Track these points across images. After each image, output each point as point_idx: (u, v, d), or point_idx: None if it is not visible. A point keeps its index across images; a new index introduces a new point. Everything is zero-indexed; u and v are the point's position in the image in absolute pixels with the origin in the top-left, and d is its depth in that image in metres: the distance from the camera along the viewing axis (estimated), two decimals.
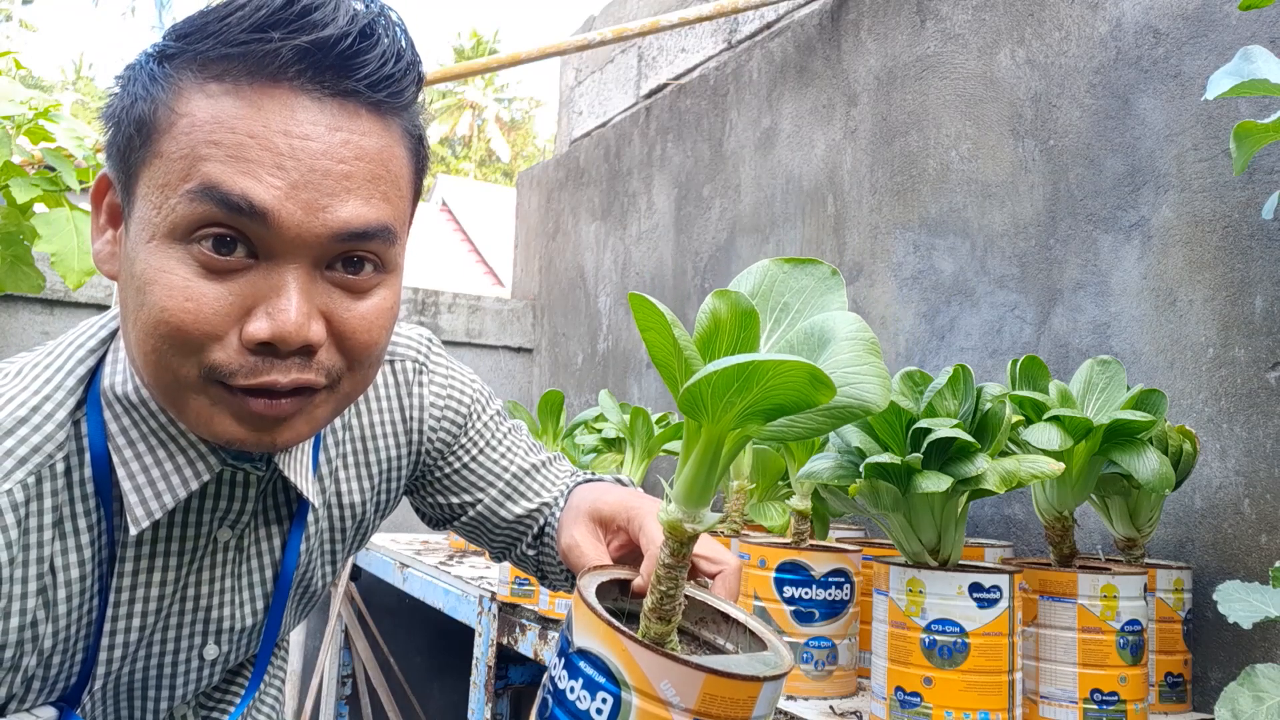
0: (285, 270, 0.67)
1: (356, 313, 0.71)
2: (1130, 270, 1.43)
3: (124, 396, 0.76)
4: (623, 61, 3.24)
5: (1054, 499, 1.16)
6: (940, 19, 1.80)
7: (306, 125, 0.67)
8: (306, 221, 0.66)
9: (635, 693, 0.57)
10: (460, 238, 16.75)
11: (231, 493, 0.82)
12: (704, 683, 0.56)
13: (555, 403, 2.00)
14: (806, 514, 1.27)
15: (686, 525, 0.62)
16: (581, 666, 0.60)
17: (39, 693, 0.77)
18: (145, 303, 0.67)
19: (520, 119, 30.86)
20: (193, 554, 0.81)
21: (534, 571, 1.07)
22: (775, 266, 0.66)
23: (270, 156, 0.66)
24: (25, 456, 0.72)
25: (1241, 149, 0.94)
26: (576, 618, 0.62)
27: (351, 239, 0.69)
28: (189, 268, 0.66)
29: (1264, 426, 1.24)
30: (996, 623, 1.02)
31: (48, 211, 1.99)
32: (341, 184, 0.68)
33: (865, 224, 1.94)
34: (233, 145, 0.65)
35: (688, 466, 0.61)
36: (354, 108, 0.69)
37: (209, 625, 0.84)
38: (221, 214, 0.65)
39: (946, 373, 1.07)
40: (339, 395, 0.74)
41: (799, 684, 1.21)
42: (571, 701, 0.60)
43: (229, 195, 0.64)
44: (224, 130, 0.66)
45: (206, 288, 0.66)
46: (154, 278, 0.66)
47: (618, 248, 2.91)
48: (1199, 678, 1.26)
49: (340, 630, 2.95)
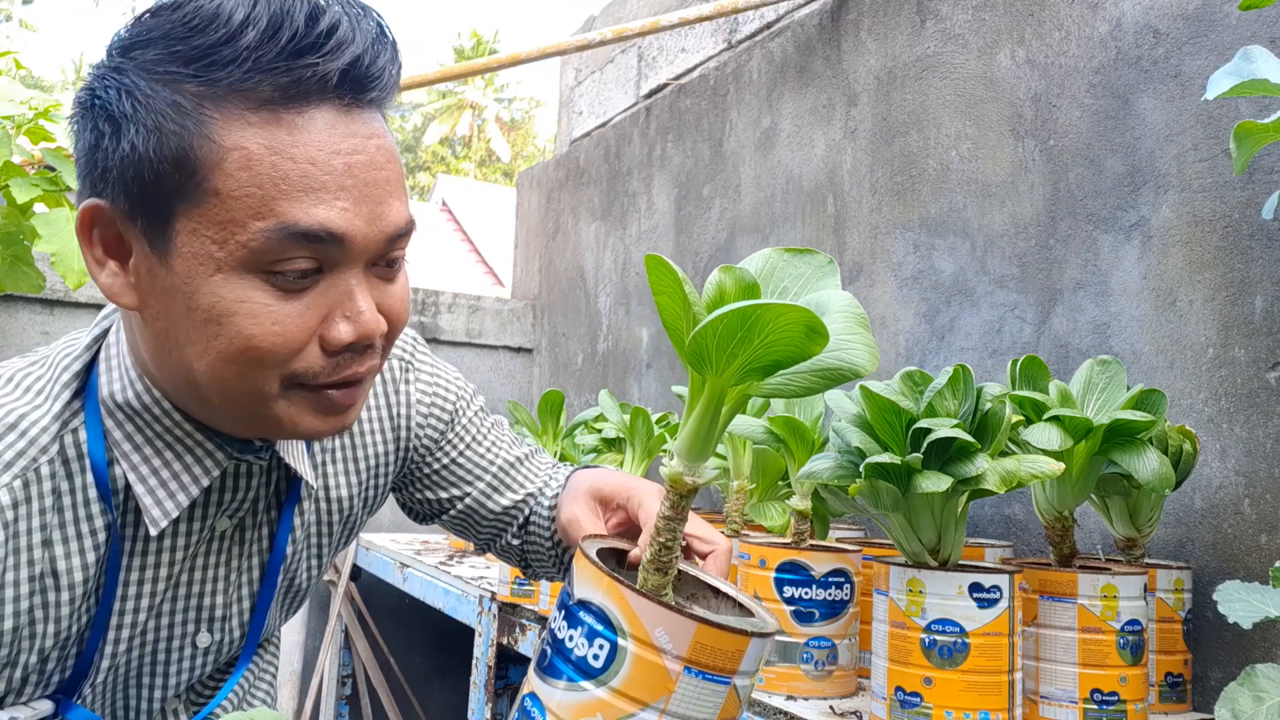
0: (349, 276, 0.72)
1: (395, 297, 0.76)
2: (1130, 270, 1.43)
3: (125, 404, 0.78)
4: (623, 61, 3.24)
5: (1054, 499, 1.16)
6: (940, 19, 1.80)
7: (350, 139, 0.70)
8: (369, 232, 0.71)
9: (631, 639, 0.60)
10: (460, 238, 16.75)
11: (236, 484, 0.84)
12: (696, 631, 0.60)
13: (555, 403, 2.00)
14: (806, 514, 1.27)
15: (687, 478, 0.66)
16: (581, 616, 0.63)
17: (37, 686, 0.79)
18: (224, 333, 0.69)
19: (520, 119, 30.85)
20: (195, 546, 0.84)
21: (518, 561, 1.09)
22: (776, 255, 0.70)
23: (333, 180, 0.69)
24: (11, 461, 0.73)
25: (1241, 149, 0.94)
26: (578, 571, 0.65)
27: (398, 238, 0.74)
28: (267, 294, 0.69)
29: (1264, 426, 1.24)
30: (996, 623, 1.02)
31: (48, 211, 1.99)
32: (385, 189, 0.72)
33: (865, 224, 1.94)
34: (297, 177, 0.68)
35: (690, 421, 0.65)
36: (372, 113, 0.73)
37: (201, 614, 0.87)
38: (302, 248, 0.68)
39: (946, 373, 1.07)
40: (378, 366, 0.79)
41: (799, 684, 1.21)
42: (570, 649, 0.63)
43: (310, 230, 0.68)
44: (286, 161, 0.68)
45: (288, 309, 0.69)
46: (233, 309, 0.68)
47: (618, 248, 2.91)
48: (1199, 678, 1.26)
49: (340, 630, 2.95)
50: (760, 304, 0.57)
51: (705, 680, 0.61)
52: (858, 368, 0.62)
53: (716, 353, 0.61)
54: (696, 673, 0.60)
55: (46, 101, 2.03)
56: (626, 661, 0.60)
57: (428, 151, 29.48)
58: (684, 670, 0.60)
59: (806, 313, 0.56)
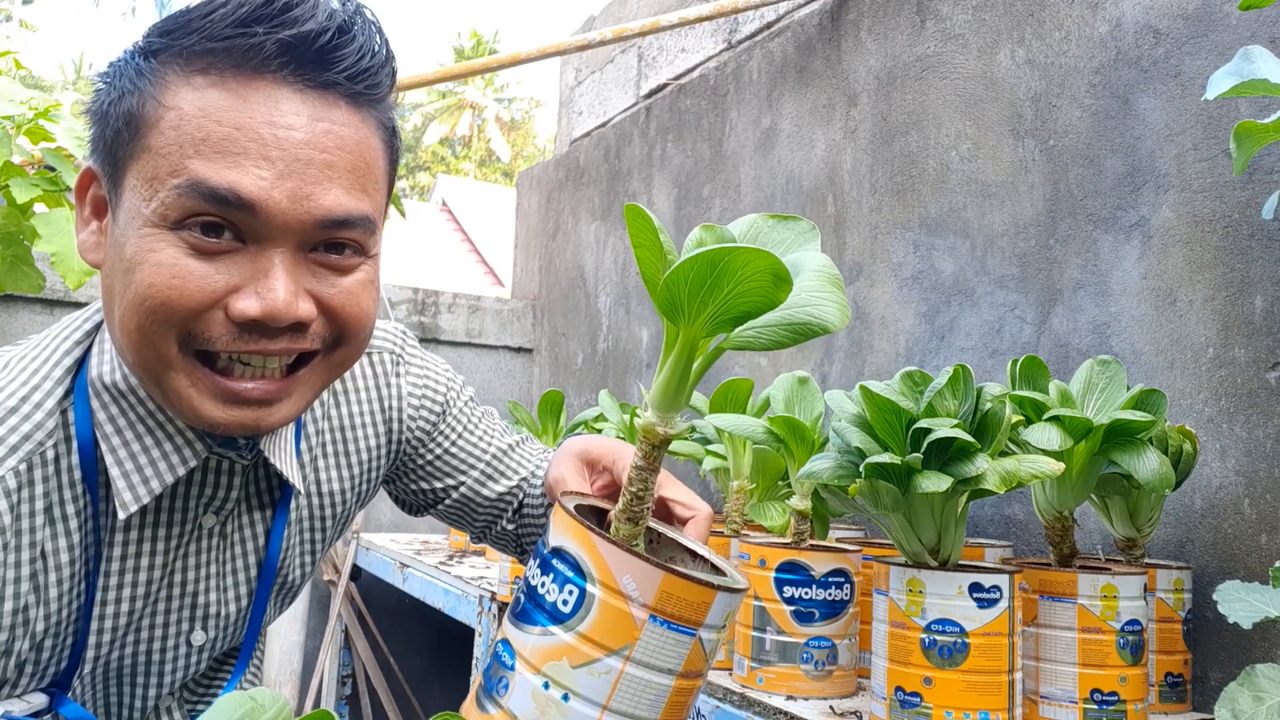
0: (272, 253, 0.70)
1: (342, 288, 0.75)
2: (1130, 270, 1.43)
3: (112, 385, 0.78)
4: (623, 61, 3.24)
5: (1054, 499, 1.16)
6: (940, 19, 1.80)
7: (290, 116, 0.70)
8: (292, 209, 0.70)
9: (600, 586, 0.62)
10: (460, 238, 16.75)
11: (217, 480, 0.83)
12: (662, 580, 0.61)
13: (555, 403, 2.00)
14: (806, 514, 1.27)
15: (659, 428, 0.67)
16: (554, 564, 0.65)
17: (31, 678, 0.79)
18: (132, 282, 0.70)
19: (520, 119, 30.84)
20: (179, 539, 0.83)
21: (513, 548, 1.09)
22: (761, 220, 0.72)
23: (256, 147, 0.69)
24: (16, 445, 0.74)
25: (1241, 149, 0.94)
26: (553, 522, 0.67)
27: (334, 226, 0.72)
28: (178, 249, 0.69)
29: (1264, 426, 1.24)
30: (996, 623, 1.02)
31: (48, 211, 1.99)
32: (324, 173, 0.71)
33: (865, 224, 1.94)
34: (219, 139, 0.68)
35: (663, 372, 0.66)
36: (333, 99, 0.72)
37: (195, 611, 0.86)
38: (210, 207, 0.68)
39: (946, 373, 1.07)
40: (330, 364, 0.78)
41: (799, 684, 1.21)
42: (542, 595, 0.65)
43: (216, 189, 0.68)
44: (210, 123, 0.68)
45: (194, 265, 0.69)
46: (142, 258, 0.69)
47: (618, 248, 2.91)
48: (1199, 678, 1.26)
49: (340, 630, 2.95)
50: (728, 248, 0.58)
51: (670, 630, 0.62)
52: (826, 323, 0.63)
53: (688, 300, 0.62)
54: (662, 622, 0.61)
55: (46, 101, 2.02)
56: (594, 607, 0.61)
57: (428, 151, 29.48)
58: (649, 618, 0.61)
59: (773, 259, 0.58)
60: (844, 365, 1.96)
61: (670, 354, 0.66)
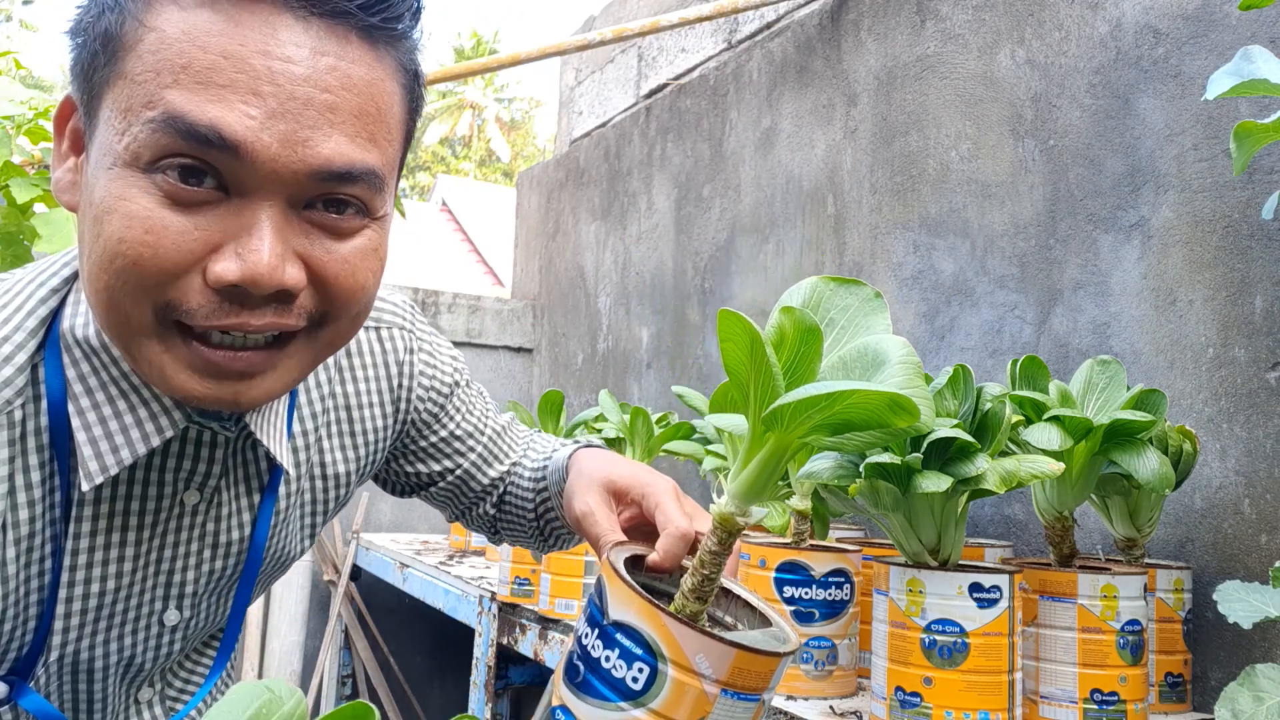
0: (259, 207, 0.61)
1: (338, 255, 0.65)
2: (1130, 270, 1.43)
3: (84, 340, 0.70)
4: (623, 61, 3.24)
5: (1054, 499, 1.16)
6: (940, 19, 1.80)
7: (289, 46, 0.60)
8: (283, 155, 0.60)
9: (671, 664, 0.61)
10: (460, 238, 16.75)
11: (198, 453, 0.75)
12: (735, 658, 0.61)
13: (555, 403, 2.00)
14: (806, 514, 1.27)
15: (739, 519, 0.66)
16: (618, 638, 0.64)
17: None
18: (102, 233, 0.60)
19: (520, 119, 30.85)
20: (155, 515, 0.75)
21: (487, 529, 1.06)
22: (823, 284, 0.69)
23: (246, 80, 0.59)
24: None
25: (1241, 149, 0.94)
26: (613, 593, 0.65)
27: (333, 179, 0.62)
28: (152, 197, 0.59)
29: (1264, 426, 1.24)
30: (996, 623, 1.02)
31: (48, 211, 1.99)
32: (325, 116, 0.61)
33: (865, 224, 1.94)
34: (203, 66, 0.58)
35: (750, 468, 0.64)
36: (343, 31, 0.62)
37: (170, 590, 0.78)
38: (188, 146, 0.58)
39: (946, 373, 1.07)
40: (318, 343, 0.69)
41: (799, 684, 1.21)
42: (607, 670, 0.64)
43: (195, 126, 0.58)
44: (195, 48, 0.59)
45: (170, 219, 0.60)
46: (113, 206, 0.60)
47: (618, 248, 2.91)
48: (1199, 678, 1.26)
49: (340, 630, 2.95)
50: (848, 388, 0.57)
51: (739, 700, 0.63)
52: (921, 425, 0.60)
53: (793, 416, 0.60)
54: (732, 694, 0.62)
55: (46, 101, 2.02)
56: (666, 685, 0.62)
57: (428, 151, 29.48)
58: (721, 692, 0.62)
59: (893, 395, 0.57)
60: None
61: (758, 452, 0.63)
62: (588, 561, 1.68)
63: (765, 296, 2.22)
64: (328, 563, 3.03)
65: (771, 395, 0.60)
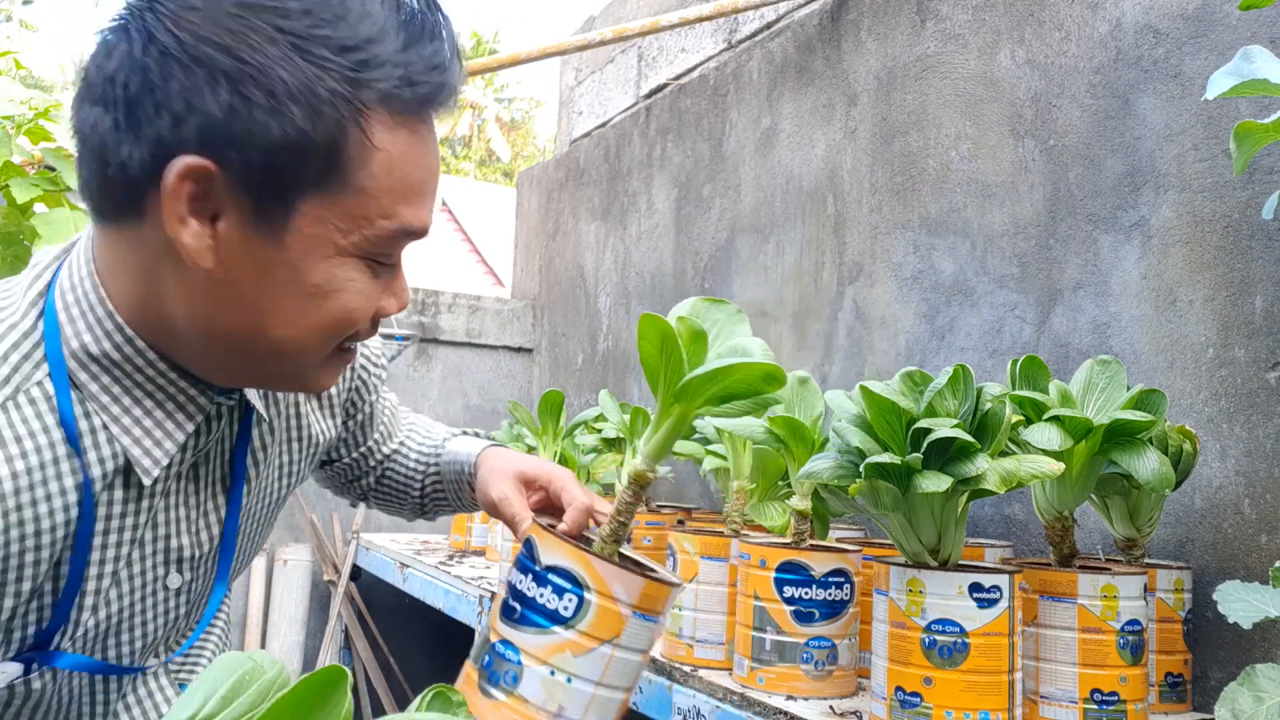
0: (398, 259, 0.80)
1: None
2: (1130, 270, 1.43)
3: (102, 355, 0.77)
4: (623, 61, 3.24)
5: (1054, 499, 1.16)
6: (940, 19, 1.80)
7: (435, 149, 0.78)
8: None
9: (595, 593, 0.79)
10: (460, 238, 16.75)
11: (208, 426, 0.85)
12: (643, 585, 0.80)
13: (555, 403, 2.00)
14: (806, 514, 1.27)
15: (649, 474, 0.86)
16: (550, 578, 0.81)
17: (3, 645, 0.77)
18: (328, 306, 0.75)
19: (520, 119, 30.85)
20: (154, 488, 0.82)
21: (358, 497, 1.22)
22: (700, 303, 0.90)
23: (429, 187, 0.77)
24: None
25: (1241, 149, 0.94)
26: (543, 545, 0.83)
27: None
28: (364, 274, 0.76)
29: (1264, 426, 1.24)
30: (996, 623, 1.02)
31: (48, 211, 1.99)
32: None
33: (865, 224, 1.94)
34: (418, 184, 0.75)
35: (660, 433, 0.84)
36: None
37: (170, 555, 0.86)
38: (407, 242, 0.77)
39: (946, 373, 1.07)
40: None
41: (799, 684, 1.21)
42: (541, 604, 0.80)
43: (419, 231, 0.77)
44: (411, 168, 0.74)
45: (375, 287, 0.78)
46: (342, 286, 0.75)
47: (618, 248, 2.91)
48: (1199, 678, 1.26)
49: (340, 630, 2.95)
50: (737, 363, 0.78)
51: (644, 620, 0.81)
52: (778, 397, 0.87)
53: (696, 389, 0.81)
54: (640, 615, 0.80)
55: (46, 101, 2.02)
56: (591, 610, 0.79)
57: None
58: (632, 614, 0.80)
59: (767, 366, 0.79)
60: (844, 365, 1.96)
61: (665, 422, 0.84)
62: None
63: (765, 296, 2.22)
64: (328, 563, 3.03)
65: (680, 374, 0.81)
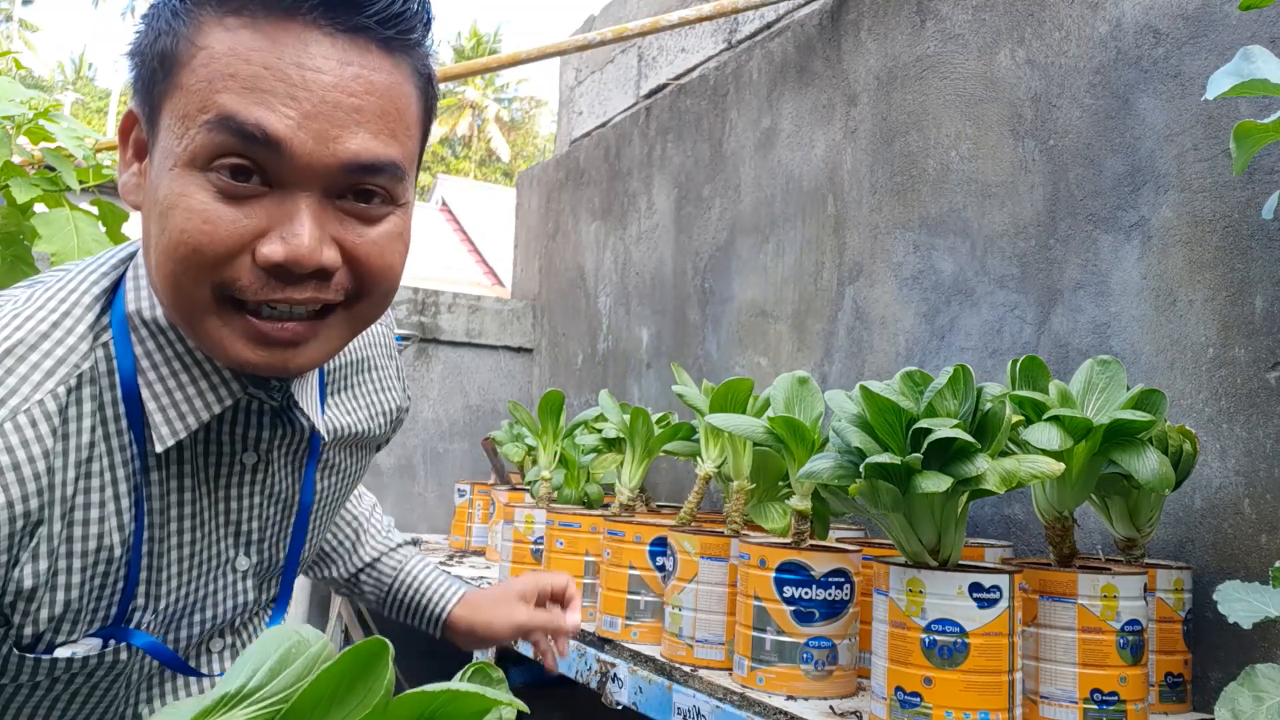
0: (298, 198, 0.71)
1: (369, 238, 0.75)
2: (1130, 270, 1.43)
3: (151, 321, 0.79)
4: (623, 61, 3.24)
5: (1054, 499, 1.16)
6: (940, 19, 1.80)
7: (319, 58, 0.71)
8: (317, 150, 0.70)
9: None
10: (460, 238, 16.74)
11: (248, 419, 0.85)
12: None
13: (555, 403, 2.00)
14: (806, 514, 1.27)
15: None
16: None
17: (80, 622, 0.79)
18: (166, 227, 0.71)
19: (520, 119, 30.85)
20: (220, 473, 0.85)
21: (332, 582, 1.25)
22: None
23: (284, 87, 0.69)
24: (52, 369, 0.75)
25: (1241, 149, 0.94)
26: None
27: (360, 171, 0.72)
28: (207, 193, 0.70)
29: (1264, 426, 1.24)
30: (996, 623, 1.02)
31: (48, 211, 1.98)
32: (351, 116, 0.72)
33: (865, 224, 1.94)
34: (248, 77, 0.69)
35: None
36: (364, 43, 0.73)
37: (239, 539, 0.88)
38: (237, 143, 0.69)
39: (946, 373, 1.07)
40: (353, 315, 0.79)
41: (799, 684, 1.21)
42: None
43: (244, 125, 0.69)
44: (240, 62, 0.69)
45: (223, 211, 0.70)
46: (175, 202, 0.70)
47: (618, 248, 2.91)
48: (1199, 678, 1.26)
49: (340, 630, 2.95)
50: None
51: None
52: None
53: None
54: None
55: (46, 101, 2.02)
56: None
57: (428, 152, 29.49)
58: None
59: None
60: (844, 365, 1.96)
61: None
62: (587, 562, 1.68)
63: (765, 296, 2.22)
64: None
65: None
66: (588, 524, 1.69)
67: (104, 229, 2.04)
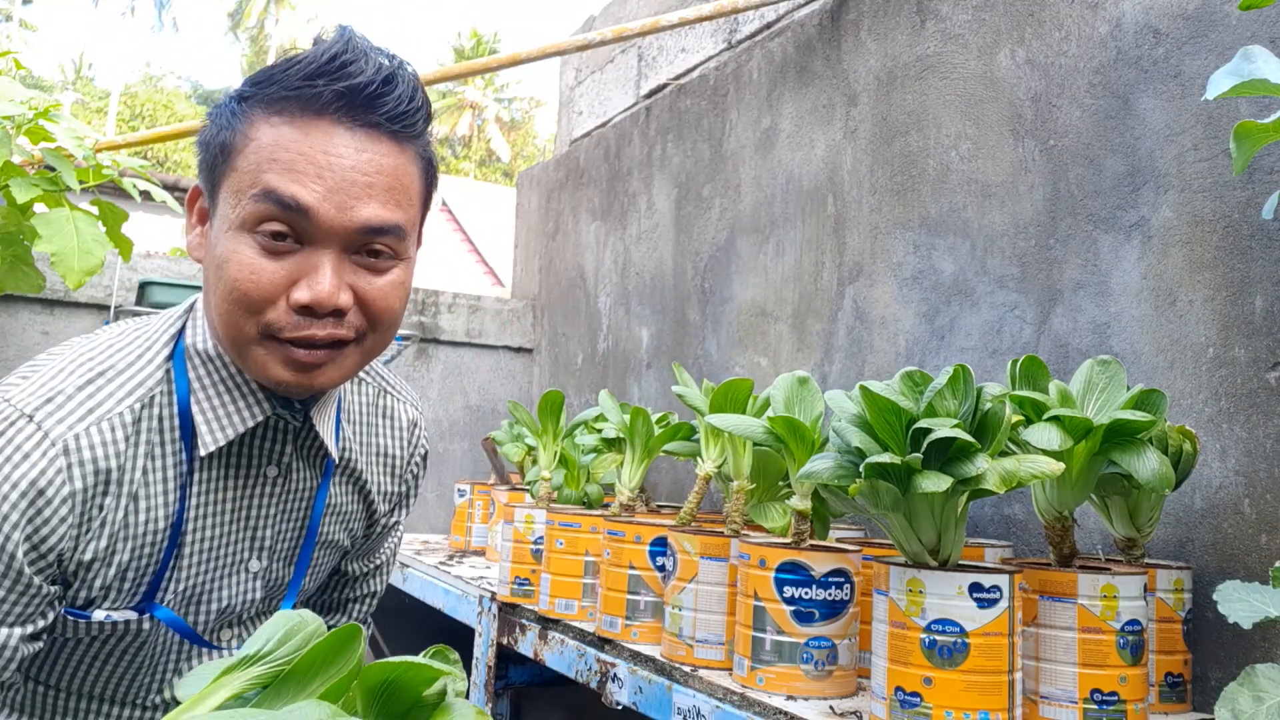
0: (322, 254, 0.92)
1: (376, 286, 0.96)
2: (1130, 270, 1.43)
3: (203, 351, 1.01)
4: (623, 61, 3.24)
5: (1054, 499, 1.16)
6: (940, 19, 1.80)
7: (341, 147, 0.91)
8: (338, 217, 0.91)
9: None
10: (460, 238, 16.75)
11: (274, 437, 1.05)
12: None
13: (555, 403, 2.00)
14: (806, 514, 1.27)
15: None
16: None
17: (122, 594, 0.98)
18: (223, 276, 0.92)
19: (520, 119, 30.83)
20: (246, 482, 1.05)
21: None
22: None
23: (313, 169, 0.90)
24: (133, 389, 0.97)
25: (1241, 149, 0.94)
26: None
27: (371, 233, 0.93)
28: (254, 250, 0.91)
29: (1264, 426, 1.24)
30: (996, 623, 1.02)
31: (48, 211, 1.99)
32: (365, 190, 0.92)
33: (865, 224, 1.94)
34: (287, 161, 0.90)
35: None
36: (377, 135, 0.93)
37: (255, 543, 1.07)
38: (278, 211, 0.90)
39: (946, 373, 1.07)
40: (364, 349, 0.99)
41: (799, 684, 1.21)
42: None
43: (283, 197, 0.89)
44: (281, 150, 0.91)
45: (266, 264, 0.91)
46: (229, 257, 0.91)
47: (618, 248, 2.91)
48: (1199, 678, 1.26)
49: None
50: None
51: None
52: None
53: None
54: None
55: (46, 101, 2.02)
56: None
57: None
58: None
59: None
60: (844, 365, 1.96)
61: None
62: (587, 562, 1.68)
63: (765, 296, 2.22)
64: None
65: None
66: (588, 524, 1.69)
67: (104, 229, 2.04)
